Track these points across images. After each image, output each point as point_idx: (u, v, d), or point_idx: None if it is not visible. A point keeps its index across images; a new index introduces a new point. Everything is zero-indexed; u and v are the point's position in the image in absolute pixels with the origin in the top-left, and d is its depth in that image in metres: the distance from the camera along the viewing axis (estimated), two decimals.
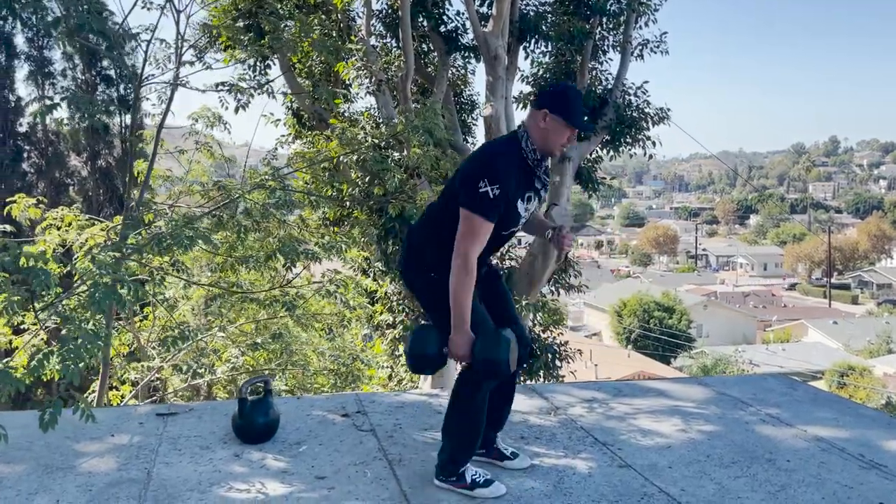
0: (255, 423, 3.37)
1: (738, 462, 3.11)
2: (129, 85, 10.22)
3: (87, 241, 5.57)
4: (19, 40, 11.07)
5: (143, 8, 3.99)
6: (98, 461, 3.18)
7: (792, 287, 67.89)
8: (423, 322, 2.99)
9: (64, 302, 3.53)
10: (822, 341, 40.57)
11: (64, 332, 3.28)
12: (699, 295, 49.31)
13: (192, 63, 4.33)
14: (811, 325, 43.96)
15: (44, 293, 3.13)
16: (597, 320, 45.22)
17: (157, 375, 6.43)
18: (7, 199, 6.19)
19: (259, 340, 5.82)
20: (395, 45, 10.53)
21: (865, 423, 3.62)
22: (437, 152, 5.57)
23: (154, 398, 6.71)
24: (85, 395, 6.64)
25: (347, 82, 10.09)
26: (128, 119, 10.95)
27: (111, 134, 10.48)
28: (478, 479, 2.85)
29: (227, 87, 4.58)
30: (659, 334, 37.00)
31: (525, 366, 3.00)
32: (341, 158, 6.63)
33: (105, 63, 10.09)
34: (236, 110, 4.69)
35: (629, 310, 38.83)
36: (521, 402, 3.93)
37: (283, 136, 10.47)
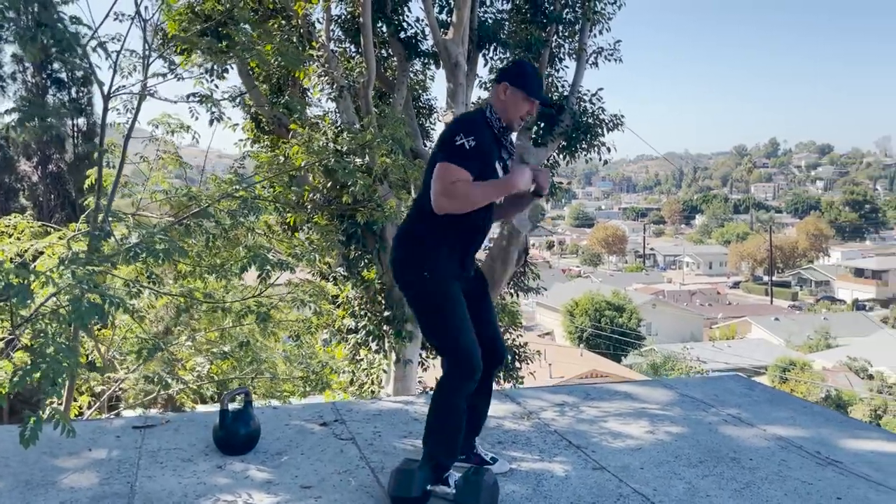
0: (237, 435, 3.40)
1: (704, 462, 3.28)
2: (82, 88, 10.03)
3: (45, 250, 5.49)
4: None
5: (115, 20, 3.99)
6: (79, 476, 3.17)
7: (736, 285, 69.87)
8: (407, 458, 3.03)
9: (37, 315, 3.50)
10: (765, 338, 41.91)
11: (34, 345, 3.26)
12: (648, 294, 50.38)
13: (164, 75, 4.30)
14: (755, 322, 45.36)
15: (20, 308, 3.11)
16: (549, 320, 45.81)
17: (120, 386, 6.35)
18: None
19: (227, 349, 5.81)
20: (354, 50, 10.56)
21: (819, 421, 3.84)
22: (405, 161, 5.65)
23: (118, 410, 6.61)
24: (58, 409, 6.50)
25: (307, 87, 10.08)
26: (80, 122, 10.74)
27: (63, 138, 10.25)
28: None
29: (197, 98, 4.58)
30: (610, 333, 37.69)
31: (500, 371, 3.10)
32: (303, 165, 6.65)
33: (56, 66, 9.88)
34: (210, 122, 4.70)
35: (581, 309, 39.45)
36: (495, 407, 4.03)
37: (241, 140, 10.40)
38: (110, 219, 4.60)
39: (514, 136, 3.18)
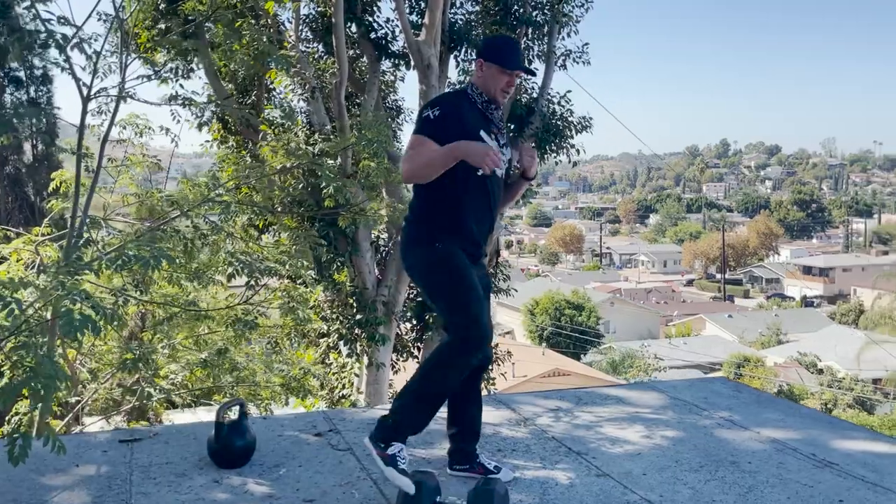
0: (233, 447, 3.30)
1: (705, 466, 3.31)
2: (41, 87, 9.72)
3: (10, 255, 5.28)
4: None
5: (98, 20, 3.86)
6: (70, 494, 3.05)
7: (690, 283, 71.28)
8: (415, 471, 2.86)
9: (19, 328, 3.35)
10: (719, 334, 42.85)
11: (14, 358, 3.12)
12: (605, 292, 51.03)
13: (148, 77, 4.18)
14: (709, 320, 46.34)
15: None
16: (510, 319, 46.03)
17: (91, 396, 6.15)
18: None
19: (204, 356, 5.66)
20: (323, 50, 10.44)
21: (808, 423, 3.92)
22: (389, 165, 5.59)
23: (86, 424, 6.41)
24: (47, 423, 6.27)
25: (274, 87, 9.93)
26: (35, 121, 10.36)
27: (21, 138, 9.89)
28: (398, 461, 2.79)
29: (180, 101, 4.45)
30: (570, 331, 38.06)
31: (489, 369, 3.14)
32: (281, 167, 6.54)
33: (14, 64, 9.53)
34: (199, 127, 4.57)
35: (541, 308, 39.74)
36: (489, 414, 4.01)
37: (208, 141, 10.19)
38: (87, 222, 4.45)
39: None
